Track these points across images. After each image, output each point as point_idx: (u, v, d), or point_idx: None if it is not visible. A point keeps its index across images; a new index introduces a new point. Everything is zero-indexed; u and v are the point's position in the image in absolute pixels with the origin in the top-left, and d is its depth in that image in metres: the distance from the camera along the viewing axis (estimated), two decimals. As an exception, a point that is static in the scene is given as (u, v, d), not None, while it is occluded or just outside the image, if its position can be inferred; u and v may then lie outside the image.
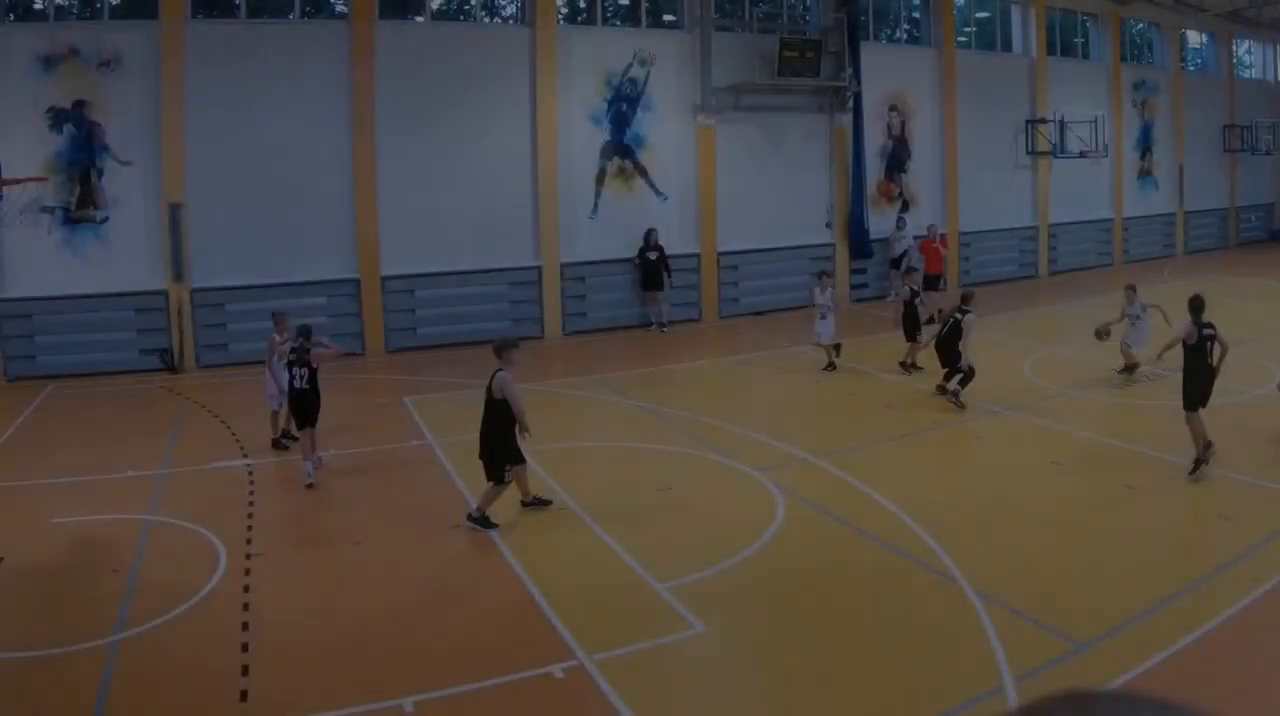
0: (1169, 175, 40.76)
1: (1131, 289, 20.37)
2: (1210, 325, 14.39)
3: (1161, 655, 9.15)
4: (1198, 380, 14.31)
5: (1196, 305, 14.46)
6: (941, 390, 18.44)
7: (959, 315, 18.41)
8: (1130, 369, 20.04)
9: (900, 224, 30.69)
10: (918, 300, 21.82)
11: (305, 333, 15.74)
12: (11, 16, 23.80)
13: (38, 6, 24.67)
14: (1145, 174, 39.78)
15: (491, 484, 13.01)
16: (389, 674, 9.32)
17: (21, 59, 22.91)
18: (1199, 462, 14.12)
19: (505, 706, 8.89)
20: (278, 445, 17.18)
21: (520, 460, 13.17)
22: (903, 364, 21.40)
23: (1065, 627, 9.69)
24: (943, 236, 26.47)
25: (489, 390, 12.98)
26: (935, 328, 20.00)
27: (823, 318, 21.75)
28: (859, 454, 15.02)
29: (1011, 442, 16.57)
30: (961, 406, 17.79)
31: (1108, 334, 19.80)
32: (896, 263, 30.08)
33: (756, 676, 9.52)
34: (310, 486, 15.04)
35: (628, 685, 8.99)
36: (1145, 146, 39.62)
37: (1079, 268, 36.80)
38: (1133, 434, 16.99)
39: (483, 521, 12.91)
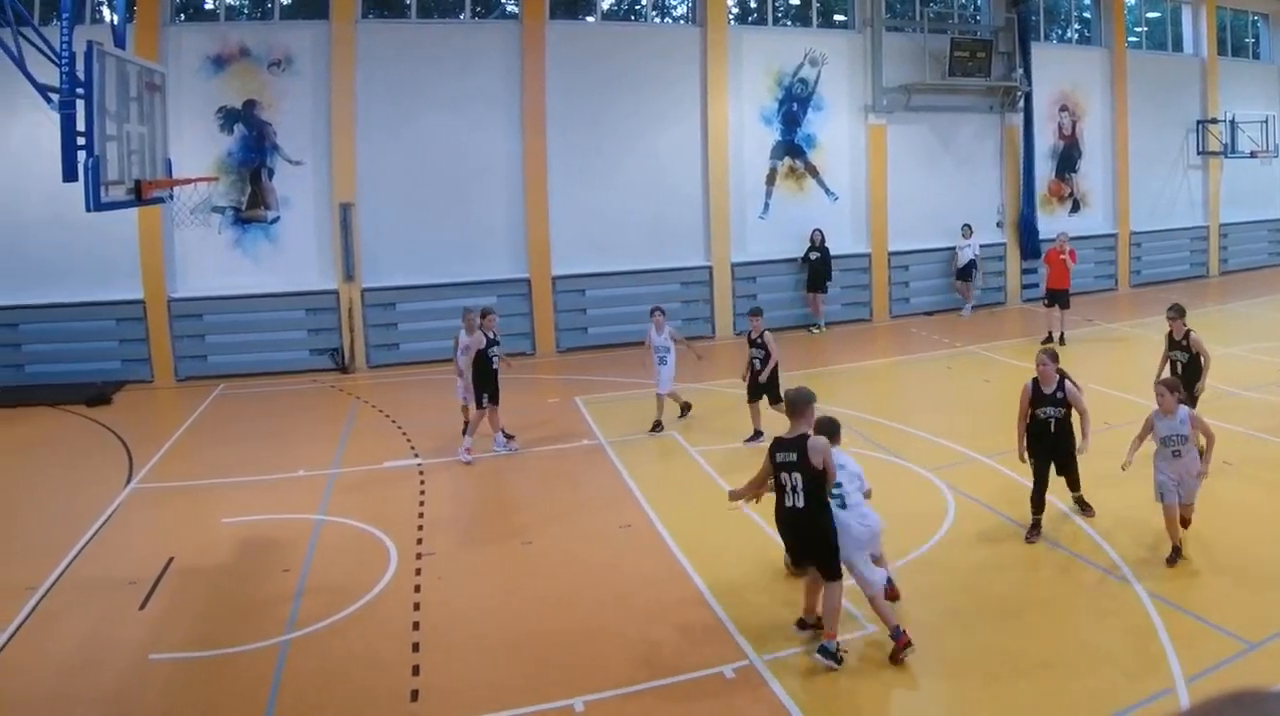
0: (1340, 176, 35.64)
1: None
2: None
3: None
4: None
5: (1184, 310, 13.63)
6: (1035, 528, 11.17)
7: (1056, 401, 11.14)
8: None
9: (966, 232, 26.31)
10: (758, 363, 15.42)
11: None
12: (182, 17, 21.44)
13: (208, 7, 22.14)
14: (1317, 175, 34.87)
15: (826, 585, 8.73)
16: (559, 674, 8.61)
17: (193, 59, 20.70)
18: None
19: (676, 706, 8.18)
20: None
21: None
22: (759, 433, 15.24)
23: (1236, 627, 8.79)
24: (1072, 248, 22.66)
25: (804, 459, 8.51)
26: None
27: (661, 362, 16.25)
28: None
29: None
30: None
31: None
32: (962, 273, 26.37)
33: (927, 676, 8.51)
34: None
35: (798, 685, 8.30)
36: (1317, 147, 34.79)
37: (1250, 267, 32.11)
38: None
39: (830, 654, 8.52)
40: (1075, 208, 28.82)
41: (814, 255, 24.48)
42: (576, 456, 15.32)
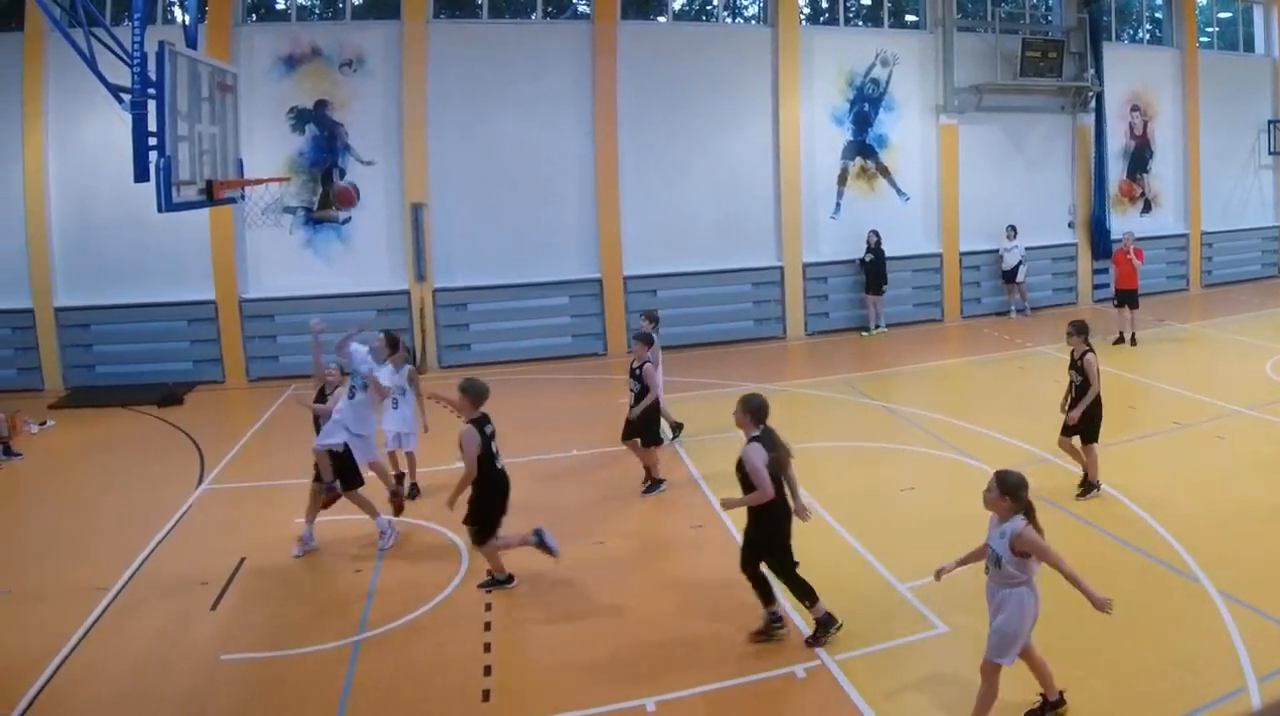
0: None
1: None
2: None
3: None
4: (1101, 409, 11.92)
5: (1086, 328, 12.01)
6: None
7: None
8: None
9: (1010, 233, 24.71)
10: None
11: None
12: (254, 17, 20.44)
13: (280, 7, 21.03)
14: (1388, 175, 33.11)
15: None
16: (630, 674, 8.35)
17: (264, 59, 19.73)
18: (1093, 486, 11.92)
19: (748, 706, 7.88)
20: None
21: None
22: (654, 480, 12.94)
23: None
24: (1138, 247, 21.55)
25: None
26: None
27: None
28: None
29: (1253, 442, 14.12)
30: None
31: None
32: (1008, 276, 24.83)
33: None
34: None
35: (870, 685, 7.95)
36: (1388, 148, 32.93)
37: (1321, 269, 30.15)
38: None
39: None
40: (1147, 208, 27.24)
41: (869, 257, 23.18)
42: (647, 456, 14.39)
